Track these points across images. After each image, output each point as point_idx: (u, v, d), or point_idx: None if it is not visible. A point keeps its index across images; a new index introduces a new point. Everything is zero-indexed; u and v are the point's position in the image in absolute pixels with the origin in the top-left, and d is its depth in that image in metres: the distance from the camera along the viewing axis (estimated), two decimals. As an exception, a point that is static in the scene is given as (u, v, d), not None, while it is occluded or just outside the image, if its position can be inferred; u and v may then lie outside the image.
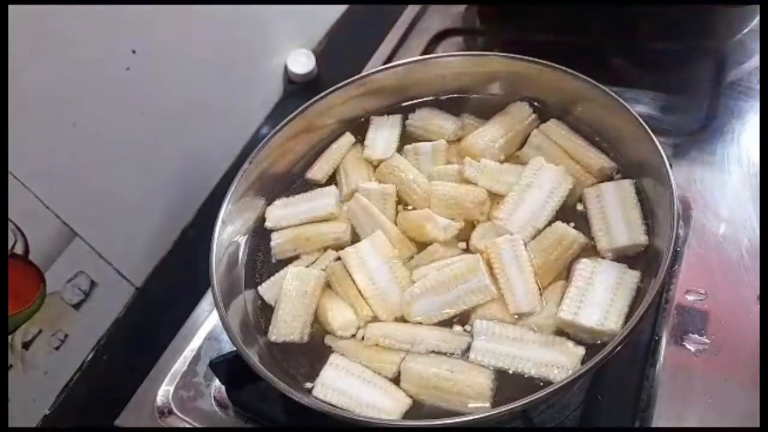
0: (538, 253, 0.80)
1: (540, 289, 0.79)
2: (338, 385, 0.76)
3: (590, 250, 0.81)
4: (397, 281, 0.83)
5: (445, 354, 0.76)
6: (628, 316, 0.73)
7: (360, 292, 0.83)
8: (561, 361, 0.71)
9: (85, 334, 0.99)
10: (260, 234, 0.94)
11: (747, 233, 0.88)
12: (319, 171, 0.99)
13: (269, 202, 0.97)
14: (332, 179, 0.99)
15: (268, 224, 0.94)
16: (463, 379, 0.73)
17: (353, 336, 0.81)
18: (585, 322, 0.72)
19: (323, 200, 0.94)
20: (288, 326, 0.81)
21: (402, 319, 0.81)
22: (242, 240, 0.93)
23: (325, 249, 0.90)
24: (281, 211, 0.95)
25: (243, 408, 0.88)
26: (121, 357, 1.01)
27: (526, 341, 0.74)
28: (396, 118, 1.02)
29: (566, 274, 0.80)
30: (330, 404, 0.73)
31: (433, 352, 0.76)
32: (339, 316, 0.81)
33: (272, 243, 0.91)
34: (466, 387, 0.72)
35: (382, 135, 1.00)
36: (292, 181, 1.00)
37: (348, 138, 1.02)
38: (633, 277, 0.76)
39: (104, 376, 1.00)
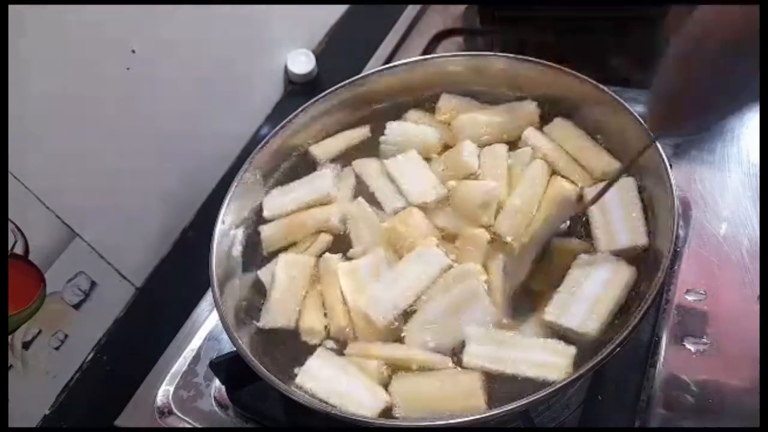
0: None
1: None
2: (321, 375, 0.74)
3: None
4: None
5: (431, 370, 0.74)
6: (617, 316, 0.72)
7: (345, 302, 0.81)
8: (553, 362, 0.70)
9: (85, 334, 0.99)
10: (260, 233, 0.94)
11: (747, 233, 0.88)
12: (323, 146, 0.98)
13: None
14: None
15: (266, 213, 0.92)
16: (454, 388, 0.72)
17: (317, 346, 0.79)
18: (566, 323, 0.72)
19: (319, 182, 0.93)
20: (277, 312, 0.81)
21: (384, 340, 0.78)
22: (242, 239, 0.93)
23: (318, 233, 0.89)
24: (280, 200, 0.93)
25: (243, 408, 0.88)
26: (121, 357, 1.01)
27: (517, 344, 0.73)
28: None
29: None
30: (328, 403, 0.72)
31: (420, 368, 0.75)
32: (309, 322, 0.80)
33: (262, 235, 0.89)
34: (457, 395, 0.71)
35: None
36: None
37: (363, 131, 1.00)
38: (626, 273, 0.74)
39: (104, 376, 0.99)
